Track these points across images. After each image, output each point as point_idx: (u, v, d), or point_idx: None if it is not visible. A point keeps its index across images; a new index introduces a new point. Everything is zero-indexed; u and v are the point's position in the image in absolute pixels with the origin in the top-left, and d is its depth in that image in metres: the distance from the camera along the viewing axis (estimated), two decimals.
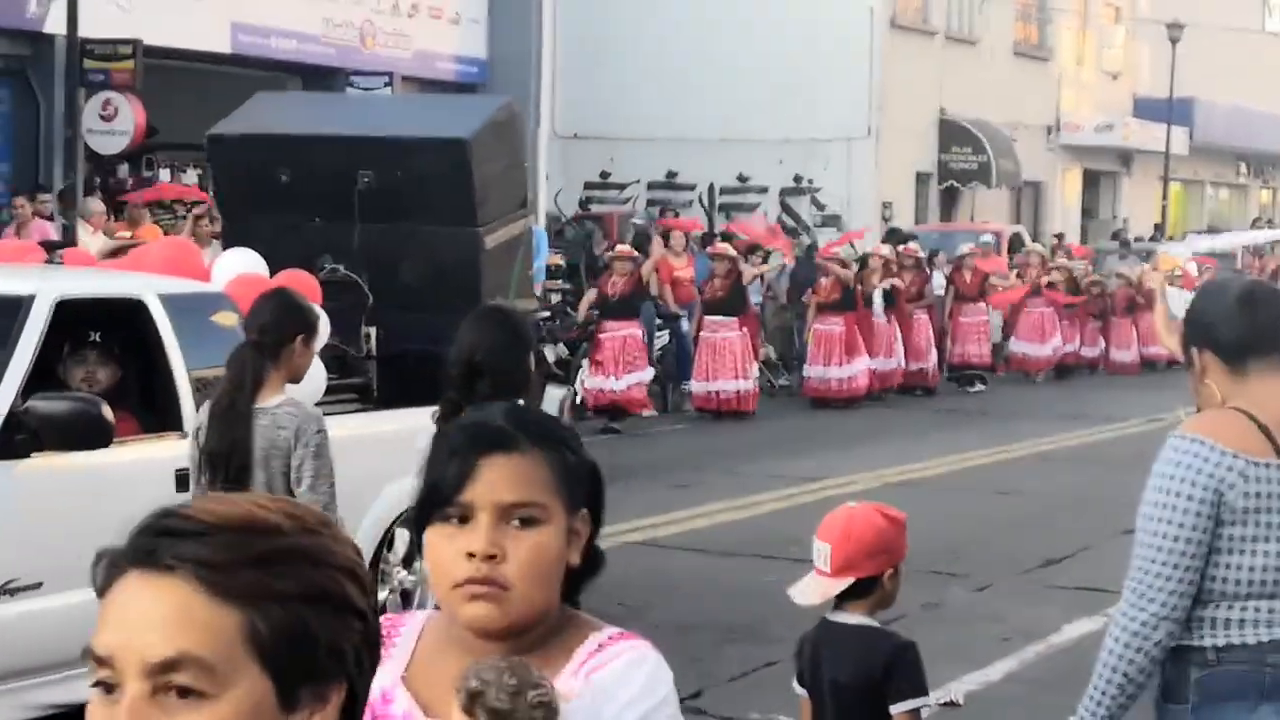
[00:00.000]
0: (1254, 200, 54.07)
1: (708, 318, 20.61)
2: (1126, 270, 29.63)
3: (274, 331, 5.91)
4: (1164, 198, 43.30)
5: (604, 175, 33.66)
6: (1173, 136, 42.07)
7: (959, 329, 25.01)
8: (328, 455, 5.83)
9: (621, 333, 19.27)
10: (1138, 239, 39.19)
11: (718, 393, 20.18)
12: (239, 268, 8.82)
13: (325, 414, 7.72)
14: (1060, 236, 37.43)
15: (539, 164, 29.06)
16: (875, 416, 21.30)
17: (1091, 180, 44.63)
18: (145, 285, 7.98)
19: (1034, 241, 30.13)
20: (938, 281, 25.38)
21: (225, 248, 10.18)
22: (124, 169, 23.02)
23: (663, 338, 21.21)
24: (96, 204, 19.18)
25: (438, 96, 16.33)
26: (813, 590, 4.79)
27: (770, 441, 18.51)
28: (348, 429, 8.35)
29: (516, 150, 10.41)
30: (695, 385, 20.42)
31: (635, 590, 10.24)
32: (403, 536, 5.78)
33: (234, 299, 8.08)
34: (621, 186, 33.58)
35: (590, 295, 20.06)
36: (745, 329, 20.58)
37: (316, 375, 8.10)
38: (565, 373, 20.25)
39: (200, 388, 7.59)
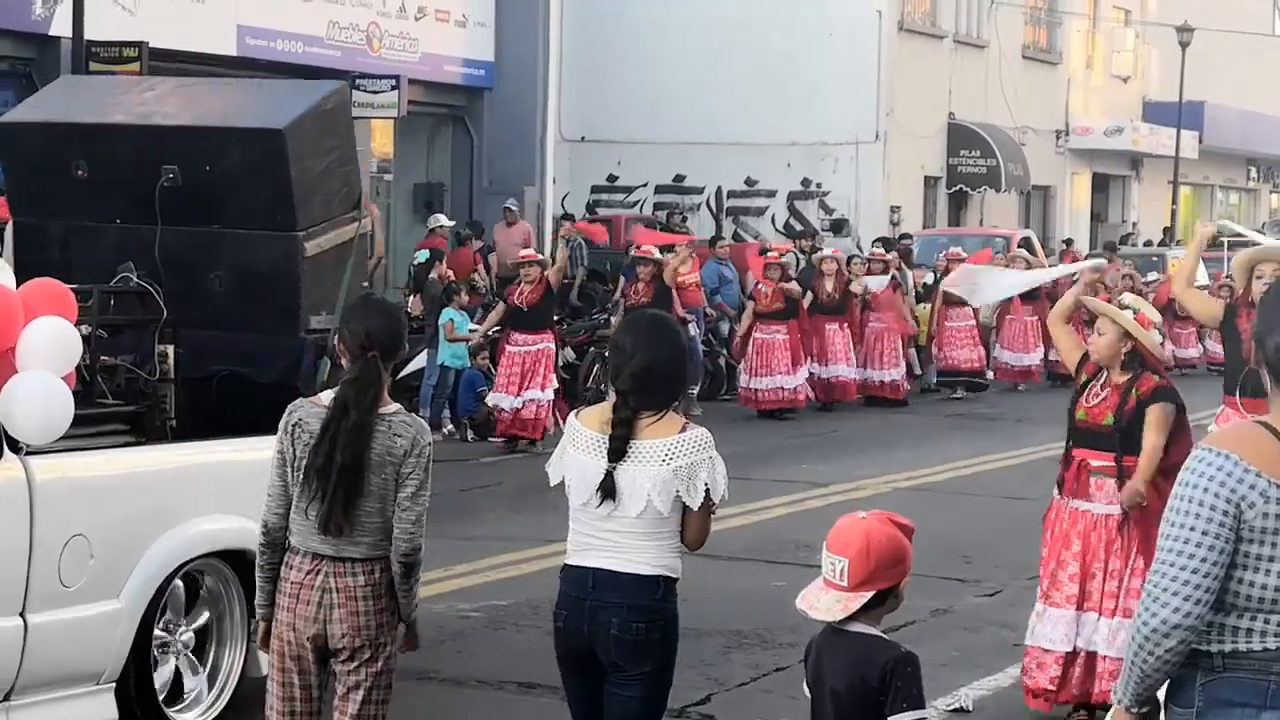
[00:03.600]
0: (1264, 204, 54.01)
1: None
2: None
3: (392, 341, 5.90)
4: (1174, 202, 43.23)
5: (611, 179, 33.64)
6: (1182, 140, 42.02)
7: (945, 334, 24.54)
8: (431, 469, 5.82)
9: (532, 347, 17.62)
10: (1147, 243, 39.13)
11: None
12: None
13: (70, 449, 7.05)
14: (1069, 241, 37.32)
15: (546, 167, 29.05)
16: (883, 422, 21.22)
17: (1101, 184, 44.55)
18: None
19: (1022, 247, 29.51)
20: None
21: (15, 253, 9.03)
22: None
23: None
24: None
25: (264, 81, 14.68)
26: (835, 606, 4.72)
27: (776, 446, 18.42)
28: (111, 467, 7.37)
29: (347, 144, 9.03)
30: None
31: None
32: (178, 590, 5.56)
33: None
34: (629, 190, 33.57)
35: (498, 309, 18.26)
36: None
37: (58, 404, 6.79)
38: (571, 377, 20.03)
39: None
